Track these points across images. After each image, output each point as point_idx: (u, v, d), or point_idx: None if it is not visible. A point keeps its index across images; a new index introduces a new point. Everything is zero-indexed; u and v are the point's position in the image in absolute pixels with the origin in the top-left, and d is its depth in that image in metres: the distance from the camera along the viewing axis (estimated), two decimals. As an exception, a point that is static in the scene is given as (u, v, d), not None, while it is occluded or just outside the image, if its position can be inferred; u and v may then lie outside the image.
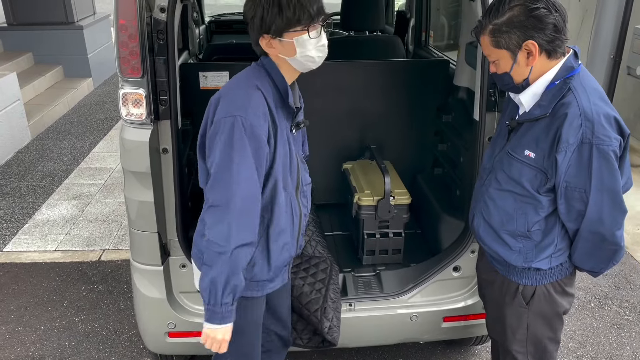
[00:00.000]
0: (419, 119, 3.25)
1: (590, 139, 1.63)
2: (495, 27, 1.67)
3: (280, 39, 1.68)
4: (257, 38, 1.72)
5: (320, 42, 1.71)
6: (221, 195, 1.67)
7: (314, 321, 2.33)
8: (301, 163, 1.97)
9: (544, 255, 1.86)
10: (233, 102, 1.68)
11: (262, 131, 1.68)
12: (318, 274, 2.44)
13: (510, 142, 1.84)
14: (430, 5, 4.12)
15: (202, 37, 4.77)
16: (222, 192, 1.66)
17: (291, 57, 1.71)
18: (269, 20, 1.65)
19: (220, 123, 1.66)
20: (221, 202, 1.67)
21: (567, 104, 1.66)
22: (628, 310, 3.41)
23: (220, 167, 1.66)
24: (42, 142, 6.02)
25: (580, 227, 1.77)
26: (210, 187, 1.69)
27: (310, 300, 2.34)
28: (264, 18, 1.66)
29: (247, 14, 1.71)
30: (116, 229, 4.24)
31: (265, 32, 1.68)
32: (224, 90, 1.75)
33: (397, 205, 2.70)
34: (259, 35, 1.70)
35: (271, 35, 1.68)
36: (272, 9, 1.64)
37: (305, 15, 1.64)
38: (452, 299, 2.55)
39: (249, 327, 2.00)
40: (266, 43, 1.71)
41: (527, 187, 1.79)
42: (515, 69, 1.71)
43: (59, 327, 3.22)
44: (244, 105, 1.67)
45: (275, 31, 1.66)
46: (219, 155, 1.66)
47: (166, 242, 2.35)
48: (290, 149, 1.85)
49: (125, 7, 1.94)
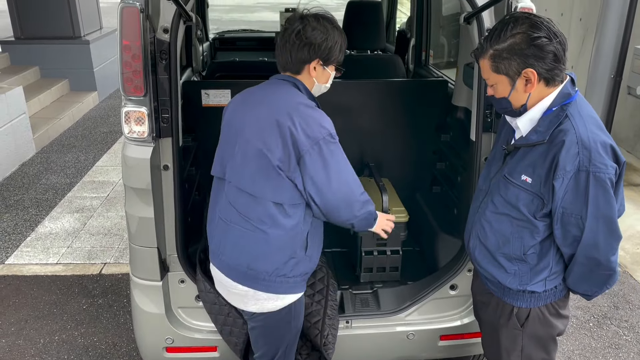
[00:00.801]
0: (418, 137, 3.28)
1: (587, 166, 1.65)
2: (496, 52, 1.70)
3: (325, 67, 2.01)
4: (308, 59, 1.96)
5: (336, 74, 2.11)
6: None
7: (314, 333, 2.33)
8: None
9: (538, 279, 1.87)
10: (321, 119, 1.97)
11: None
12: (316, 284, 2.45)
13: (507, 166, 1.86)
14: (431, 25, 4.18)
15: (205, 53, 4.83)
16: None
17: (321, 83, 2.04)
18: (333, 51, 1.97)
19: (317, 140, 1.94)
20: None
21: (565, 131, 1.68)
22: (627, 331, 3.41)
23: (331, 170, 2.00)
24: (46, 155, 6.08)
25: (575, 252, 1.78)
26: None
27: (311, 311, 2.35)
28: (331, 48, 1.96)
29: (317, 38, 1.94)
30: (117, 243, 4.27)
31: (321, 57, 1.97)
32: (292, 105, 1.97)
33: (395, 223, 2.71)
34: (314, 58, 1.96)
35: (322, 62, 1.98)
36: (338, 46, 1.99)
37: (341, 56, 2.04)
38: (449, 318, 2.56)
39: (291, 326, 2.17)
40: (313, 66, 1.98)
41: (524, 211, 1.80)
42: (514, 95, 1.74)
43: (59, 340, 3.23)
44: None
45: (329, 60, 2.00)
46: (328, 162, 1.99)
47: (165, 258, 2.37)
48: None
49: (129, 28, 1.98)
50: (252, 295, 2.05)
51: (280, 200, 1.93)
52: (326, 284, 2.46)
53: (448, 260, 2.64)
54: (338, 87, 3.20)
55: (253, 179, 1.93)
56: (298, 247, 2.01)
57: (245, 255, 2.00)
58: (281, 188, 1.91)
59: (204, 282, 2.32)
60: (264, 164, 1.89)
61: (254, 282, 2.02)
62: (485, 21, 2.18)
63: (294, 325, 2.17)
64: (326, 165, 1.89)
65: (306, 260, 2.06)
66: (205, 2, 5.21)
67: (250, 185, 1.94)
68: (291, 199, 1.94)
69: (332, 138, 1.92)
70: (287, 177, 1.90)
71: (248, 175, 1.93)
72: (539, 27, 1.64)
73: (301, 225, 1.99)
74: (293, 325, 2.16)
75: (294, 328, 2.18)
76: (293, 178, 1.90)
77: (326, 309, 2.38)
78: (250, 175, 1.93)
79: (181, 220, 2.33)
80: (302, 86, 1.99)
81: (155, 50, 2.08)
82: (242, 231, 1.99)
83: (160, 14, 2.08)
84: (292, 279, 2.04)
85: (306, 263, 2.06)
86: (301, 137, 1.86)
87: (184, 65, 3.73)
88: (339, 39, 1.98)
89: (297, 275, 2.05)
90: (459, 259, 2.51)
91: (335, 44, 1.97)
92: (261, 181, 1.91)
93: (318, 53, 1.95)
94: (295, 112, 1.89)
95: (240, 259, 2.01)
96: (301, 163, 1.89)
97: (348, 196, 1.96)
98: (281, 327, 2.14)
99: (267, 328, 2.14)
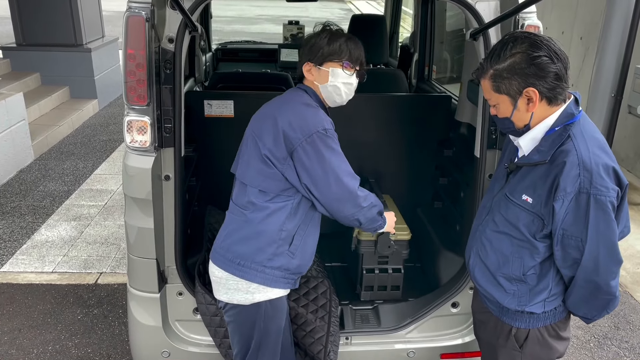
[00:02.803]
0: (420, 152, 3.27)
1: (588, 189, 1.63)
2: (496, 72, 1.69)
3: (320, 67, 2.01)
4: (300, 62, 2.06)
5: (349, 80, 2.05)
6: None
7: (317, 349, 2.29)
8: None
9: (537, 300, 1.84)
10: (314, 117, 1.98)
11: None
12: (319, 299, 2.41)
13: (509, 184, 1.85)
14: (434, 40, 4.18)
15: (208, 64, 4.83)
16: None
17: (323, 84, 2.03)
18: (317, 48, 2.00)
19: (311, 135, 1.94)
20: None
21: (566, 152, 1.66)
22: (627, 352, 3.38)
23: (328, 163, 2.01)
24: (44, 162, 6.05)
25: (575, 274, 1.76)
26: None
27: (314, 327, 2.31)
28: (314, 45, 2.00)
29: (303, 42, 2.07)
30: (114, 252, 4.23)
31: (310, 59, 2.01)
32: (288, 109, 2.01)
33: (397, 240, 2.69)
34: (304, 59, 2.04)
35: (313, 63, 2.01)
36: (323, 40, 2.00)
37: (346, 54, 2.01)
38: (450, 336, 2.53)
39: (272, 329, 2.13)
40: (308, 69, 2.04)
41: (524, 231, 1.78)
42: (516, 115, 1.72)
43: (52, 351, 3.18)
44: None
45: (318, 58, 2.00)
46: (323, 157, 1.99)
47: (164, 269, 2.34)
48: None
49: (134, 37, 1.97)
50: (224, 283, 2.06)
51: (265, 188, 1.99)
52: (329, 299, 2.42)
53: (450, 277, 2.61)
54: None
55: (246, 166, 2.02)
56: (281, 239, 2.01)
57: (229, 239, 2.06)
58: (268, 178, 1.97)
59: (204, 295, 2.28)
60: (255, 152, 1.99)
61: (230, 265, 2.04)
62: (491, 38, 2.18)
63: (262, 327, 2.09)
64: (320, 158, 1.92)
65: (288, 255, 2.04)
66: (209, 13, 5.22)
67: (243, 173, 2.04)
68: (277, 189, 1.98)
69: (327, 133, 1.94)
70: (277, 169, 1.96)
71: (244, 163, 2.04)
72: (539, 46, 1.63)
73: (287, 219, 2.01)
74: (260, 326, 2.09)
75: (261, 330, 2.10)
76: (283, 170, 1.95)
77: (330, 325, 2.34)
78: (244, 163, 2.03)
79: (181, 231, 2.30)
80: (310, 91, 2.05)
81: (160, 60, 2.07)
82: (230, 217, 2.10)
83: (165, 24, 2.07)
84: (269, 270, 2.02)
85: (287, 258, 2.04)
86: (293, 132, 1.92)
87: (186, 75, 3.72)
88: (328, 34, 2.01)
89: (274, 267, 2.03)
90: (460, 276, 2.49)
91: (319, 39, 2.00)
92: (251, 168, 2.01)
93: (305, 53, 2.04)
94: (291, 108, 1.98)
95: (224, 242, 2.07)
96: (294, 156, 1.93)
97: (347, 188, 1.96)
98: (247, 325, 2.11)
99: (236, 324, 2.13)
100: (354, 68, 2.05)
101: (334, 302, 2.46)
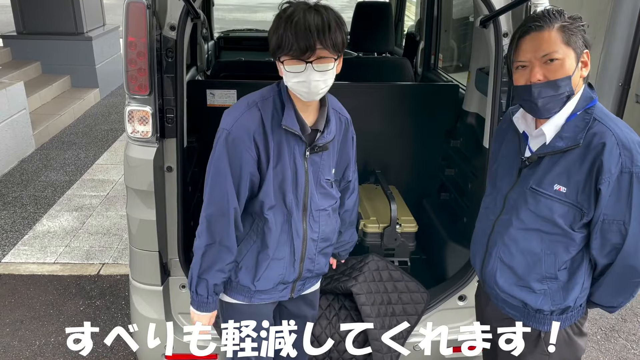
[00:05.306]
0: (426, 143, 3.22)
1: (630, 167, 1.56)
2: (566, 24, 1.60)
3: (277, 62, 1.71)
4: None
5: (298, 78, 1.65)
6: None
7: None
8: (318, 187, 1.91)
9: (572, 296, 1.75)
10: (227, 115, 1.78)
11: (244, 147, 1.74)
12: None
13: (533, 177, 1.73)
14: (440, 28, 4.11)
15: (210, 52, 4.77)
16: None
17: (285, 80, 1.72)
18: (271, 43, 1.69)
19: (217, 133, 1.77)
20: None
21: (601, 133, 1.59)
22: (634, 344, 3.34)
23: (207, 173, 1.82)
24: (46, 152, 6.01)
25: (613, 261, 1.67)
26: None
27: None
28: (269, 38, 1.69)
29: None
30: (116, 243, 4.20)
31: (271, 53, 1.73)
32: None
33: (403, 233, 2.65)
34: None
35: (273, 57, 1.73)
36: (272, 28, 1.67)
37: (287, 46, 1.61)
38: (457, 329, 2.49)
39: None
40: (277, 64, 1.74)
41: (560, 223, 1.68)
42: (576, 75, 1.63)
43: (54, 342, 3.16)
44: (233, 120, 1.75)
45: (271, 52, 1.70)
46: (209, 162, 1.80)
47: (167, 262, 2.31)
48: (297, 171, 1.82)
49: (135, 25, 1.92)
50: None
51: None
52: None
53: (457, 269, 2.57)
54: (344, 89, 3.14)
55: None
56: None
57: None
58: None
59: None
60: None
61: None
62: (502, 25, 2.12)
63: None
64: (212, 153, 1.78)
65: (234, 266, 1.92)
66: (211, 0, 5.15)
67: None
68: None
69: (220, 133, 1.74)
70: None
71: None
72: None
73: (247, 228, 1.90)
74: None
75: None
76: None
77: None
78: None
79: (183, 223, 2.27)
80: (282, 87, 1.80)
81: (162, 48, 2.02)
82: None
83: (167, 11, 2.02)
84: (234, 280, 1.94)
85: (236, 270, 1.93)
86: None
87: (188, 63, 3.66)
88: (275, 20, 1.65)
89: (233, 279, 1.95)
90: (468, 268, 2.44)
91: (273, 34, 1.65)
92: None
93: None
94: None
95: None
96: None
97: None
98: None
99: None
100: (303, 60, 1.62)
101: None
